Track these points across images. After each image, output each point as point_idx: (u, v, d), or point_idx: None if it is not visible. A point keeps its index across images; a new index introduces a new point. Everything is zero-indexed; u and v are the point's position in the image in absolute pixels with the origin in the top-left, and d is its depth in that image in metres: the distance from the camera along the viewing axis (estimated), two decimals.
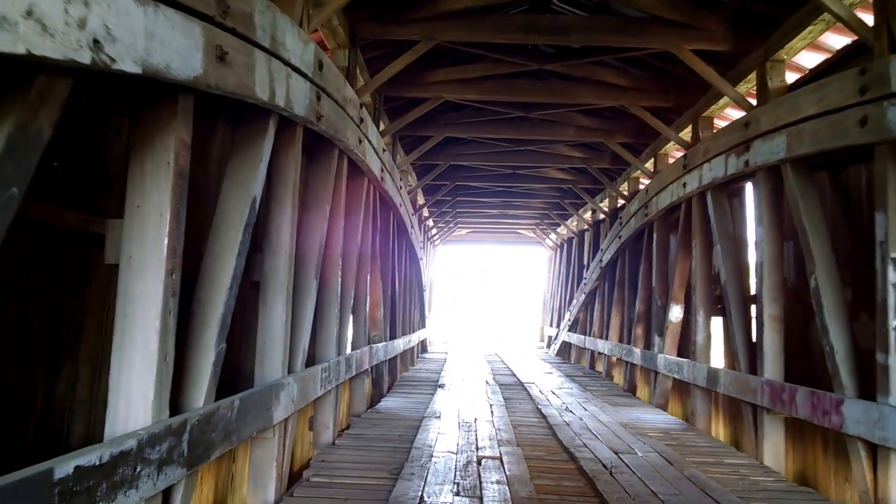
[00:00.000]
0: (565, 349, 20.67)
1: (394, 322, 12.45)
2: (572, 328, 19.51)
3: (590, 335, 17.11)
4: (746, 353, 7.74)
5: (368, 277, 9.37)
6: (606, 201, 16.20)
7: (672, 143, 11.32)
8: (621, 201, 15.74)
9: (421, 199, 18.72)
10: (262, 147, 4.32)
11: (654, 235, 11.42)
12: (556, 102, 11.00)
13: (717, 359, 9.36)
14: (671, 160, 11.65)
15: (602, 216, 17.57)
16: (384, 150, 9.60)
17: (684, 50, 7.80)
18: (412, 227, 13.79)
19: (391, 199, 10.76)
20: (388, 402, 10.01)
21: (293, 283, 5.45)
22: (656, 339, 11.10)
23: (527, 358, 19.49)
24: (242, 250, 4.06)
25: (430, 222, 23.33)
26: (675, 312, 10.37)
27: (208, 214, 4.13)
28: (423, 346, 20.48)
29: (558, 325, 22.57)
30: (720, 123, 9.83)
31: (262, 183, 4.35)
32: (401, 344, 13.06)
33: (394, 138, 12.09)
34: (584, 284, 17.65)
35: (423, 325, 19.29)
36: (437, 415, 8.65)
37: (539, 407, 9.82)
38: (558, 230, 23.46)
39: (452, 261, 34.06)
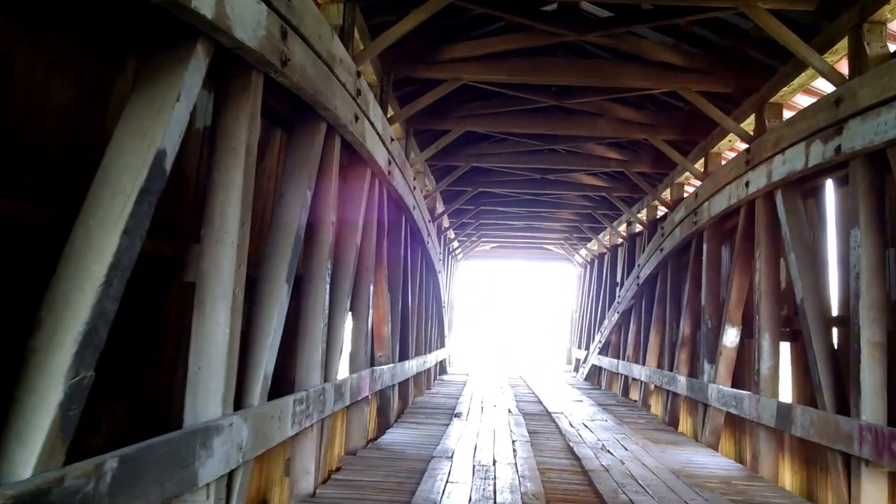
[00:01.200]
0: (595, 374, 19.09)
1: (405, 341, 11.03)
2: (603, 351, 17.95)
3: (623, 359, 15.55)
4: (832, 388, 6.21)
5: (372, 288, 7.97)
6: (644, 212, 14.68)
7: (726, 139, 9.84)
8: (661, 211, 14.28)
9: (440, 207, 17.34)
10: (177, 80, 2.95)
11: (705, 246, 9.91)
12: (595, 85, 9.54)
13: (783, 392, 7.84)
14: (724, 162, 10.14)
15: (639, 228, 16.05)
16: (392, 140, 8.24)
17: (757, 8, 6.33)
18: (429, 234, 12.39)
19: (402, 198, 9.38)
20: (393, 435, 8.57)
21: (250, 285, 4.06)
22: (705, 367, 9.56)
23: (553, 383, 17.95)
24: (136, 228, 2.68)
25: (452, 234, 21.94)
26: (731, 336, 8.84)
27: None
28: (441, 367, 19.02)
29: (587, 348, 21.00)
30: (788, 114, 8.33)
31: (178, 134, 2.98)
32: (413, 366, 11.63)
33: (406, 132, 10.73)
34: (618, 303, 16.11)
35: (441, 344, 17.85)
36: (449, 454, 7.19)
37: (570, 444, 8.32)
38: (589, 245, 21.92)
39: (475, 277, 32.62)
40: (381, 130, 7.48)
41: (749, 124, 8.65)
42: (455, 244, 22.56)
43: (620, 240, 18.61)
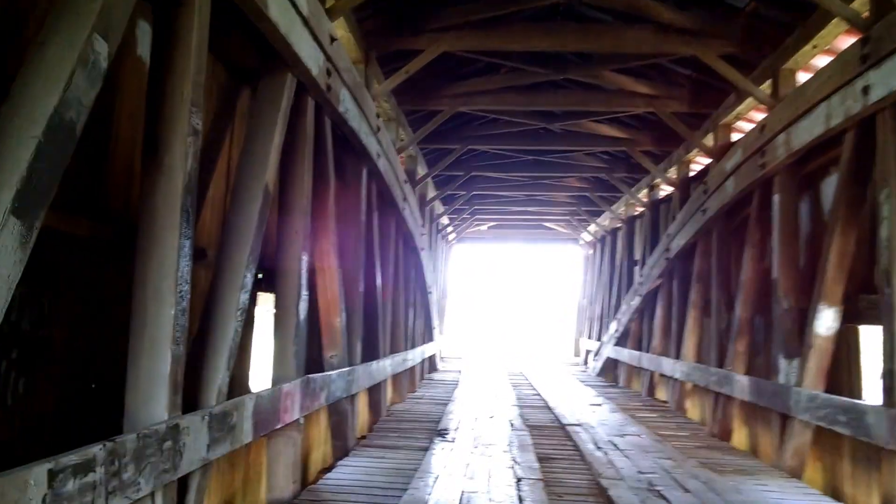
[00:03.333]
0: (610, 367, 16.43)
1: (372, 335, 8.40)
2: (621, 341, 15.28)
3: (647, 351, 12.90)
4: None
5: (306, 258, 5.31)
6: (674, 170, 11.97)
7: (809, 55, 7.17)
8: (698, 166, 11.62)
9: (432, 192, 14.77)
10: None
11: (776, 199, 7.24)
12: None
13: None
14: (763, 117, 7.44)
15: (663, 194, 13.42)
16: (333, 41, 5.56)
17: None
18: (405, 199, 9.70)
19: (357, 137, 6.72)
20: (345, 471, 5.94)
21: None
22: (781, 363, 6.92)
23: (562, 381, 15.29)
24: None
25: (441, 208, 19.28)
26: (827, 320, 6.21)
27: None
28: (430, 364, 16.36)
29: (599, 338, 18.36)
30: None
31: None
32: (387, 366, 8.98)
33: (367, 58, 8.04)
34: (640, 284, 13.45)
35: (429, 338, 15.20)
36: None
37: (602, 483, 5.68)
38: (599, 220, 19.16)
39: (471, 262, 29.90)
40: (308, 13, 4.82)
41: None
42: (444, 220, 19.77)
43: (639, 210, 15.96)
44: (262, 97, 4.66)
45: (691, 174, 11.79)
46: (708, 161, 10.38)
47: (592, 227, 20.77)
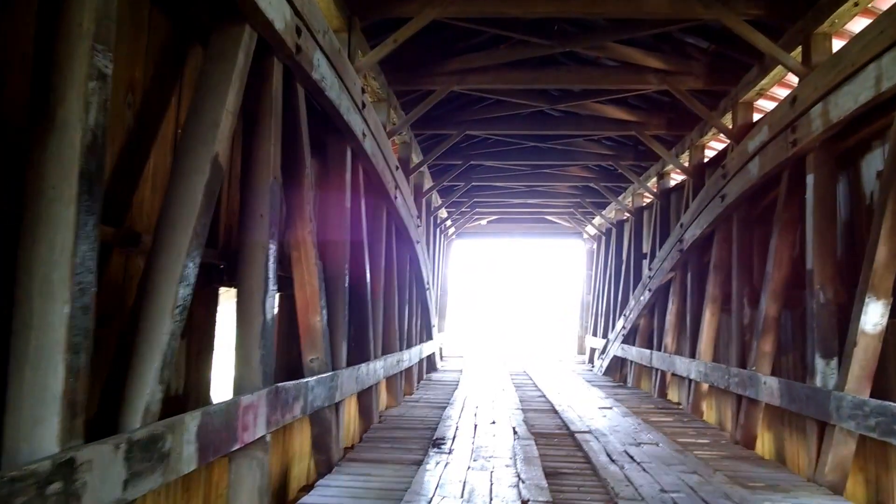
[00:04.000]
0: (616, 366, 15.65)
1: (361, 336, 7.64)
2: (628, 339, 14.50)
3: (659, 349, 12.12)
4: None
5: (273, 247, 4.53)
6: (687, 155, 11.15)
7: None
8: (713, 150, 10.85)
9: (428, 182, 14.00)
10: None
11: (811, 178, 6.45)
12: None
13: None
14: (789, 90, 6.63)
15: (673, 183, 12.65)
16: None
17: None
18: (397, 186, 8.91)
19: (337, 111, 5.93)
20: (323, 495, 5.16)
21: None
22: (818, 364, 6.14)
23: (567, 381, 14.50)
24: None
25: (438, 200, 18.48)
26: (874, 315, 5.44)
27: None
28: (430, 363, 15.60)
29: (605, 335, 17.57)
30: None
31: None
32: (379, 369, 8.20)
33: (349, 25, 7.23)
34: (649, 278, 12.66)
35: (427, 336, 14.43)
36: None
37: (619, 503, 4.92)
38: (604, 212, 18.33)
39: (470, 257, 29.10)
40: None
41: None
42: (443, 213, 18.95)
43: (647, 200, 15.19)
44: (214, 53, 3.88)
45: (706, 159, 10.98)
46: (725, 144, 9.59)
47: (597, 220, 19.96)
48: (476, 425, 8.14)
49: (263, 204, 4.44)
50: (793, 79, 7.57)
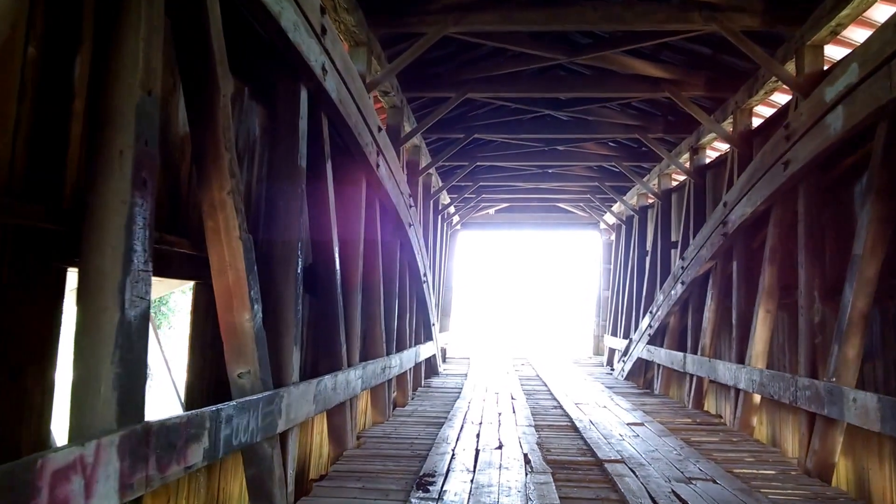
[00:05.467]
0: (640, 370, 13.90)
1: (328, 338, 5.95)
2: (655, 339, 12.75)
3: (695, 352, 10.37)
4: None
5: (142, 206, 2.84)
6: (730, 121, 9.35)
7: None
8: (760, 116, 9.11)
9: (426, 160, 12.35)
10: None
11: None
12: None
13: None
14: None
15: (708, 159, 10.91)
16: None
17: None
18: (380, 154, 7.17)
19: (288, 40, 4.23)
20: None
21: None
22: None
23: (586, 388, 12.75)
24: None
25: (446, 198, 16.76)
26: None
27: None
28: (430, 366, 13.91)
29: (626, 335, 15.83)
30: None
31: None
32: (355, 381, 6.48)
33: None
34: (682, 269, 10.90)
35: (426, 336, 12.74)
36: None
37: None
38: (626, 197, 16.51)
39: (477, 250, 27.35)
40: None
41: None
42: (445, 199, 17.16)
43: (676, 182, 13.47)
44: None
45: (755, 125, 9.21)
46: (774, 110, 7.81)
47: (616, 207, 18.18)
48: (478, 451, 6.43)
49: (124, 133, 2.76)
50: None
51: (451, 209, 18.60)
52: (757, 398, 8.11)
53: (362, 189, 6.90)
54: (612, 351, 18.01)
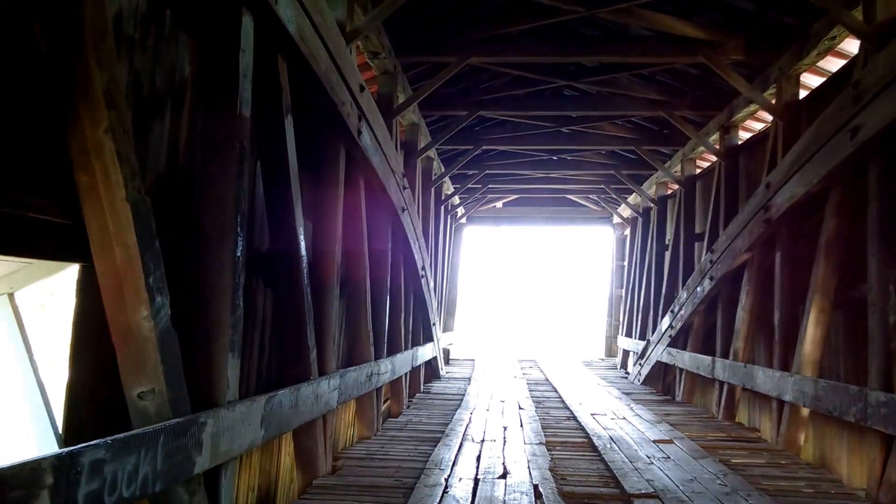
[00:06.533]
0: (658, 374, 12.70)
1: (294, 343, 4.80)
2: (675, 341, 11.54)
3: (725, 357, 9.16)
4: None
5: None
6: (773, 90, 8.12)
7: None
8: (810, 81, 7.93)
9: (425, 139, 11.20)
10: None
11: None
12: None
13: None
14: None
15: (739, 141, 9.71)
16: None
17: None
18: (362, 119, 5.97)
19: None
20: None
21: None
22: None
23: (601, 395, 11.56)
24: None
25: (449, 188, 15.57)
26: None
27: None
28: (431, 369, 12.75)
29: (642, 337, 14.63)
30: None
31: None
32: (329, 392, 5.31)
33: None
34: (710, 263, 9.70)
35: (426, 337, 11.59)
36: None
37: None
38: (644, 186, 15.27)
39: (484, 247, 26.15)
40: None
41: None
42: (448, 189, 15.93)
43: (700, 169, 12.28)
44: None
45: (811, 87, 7.99)
46: (825, 78, 6.59)
47: (633, 198, 16.95)
48: (477, 481, 5.25)
49: None
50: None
51: (456, 200, 17.43)
52: (805, 411, 6.92)
53: (339, 161, 5.72)
54: (625, 353, 16.82)
